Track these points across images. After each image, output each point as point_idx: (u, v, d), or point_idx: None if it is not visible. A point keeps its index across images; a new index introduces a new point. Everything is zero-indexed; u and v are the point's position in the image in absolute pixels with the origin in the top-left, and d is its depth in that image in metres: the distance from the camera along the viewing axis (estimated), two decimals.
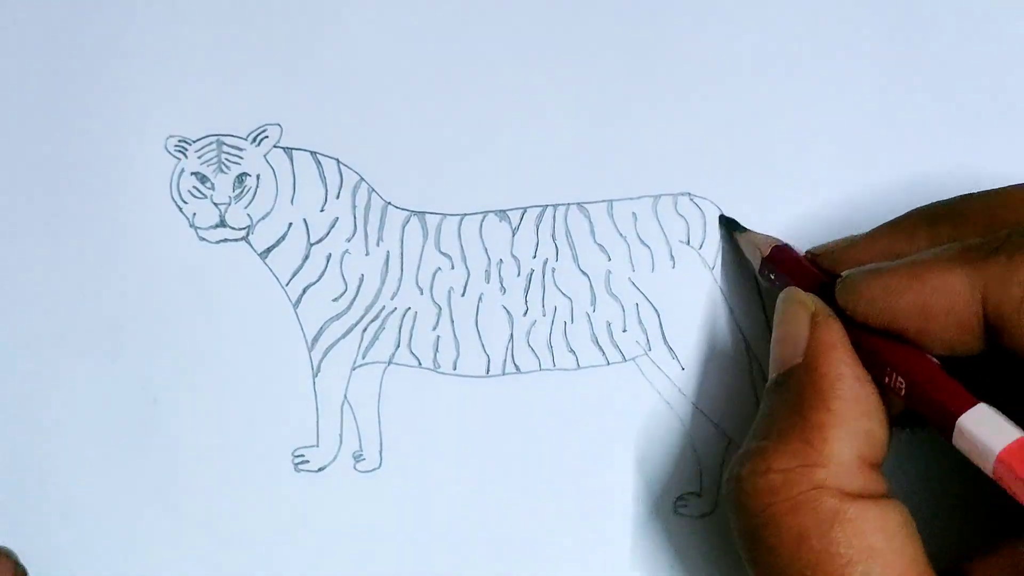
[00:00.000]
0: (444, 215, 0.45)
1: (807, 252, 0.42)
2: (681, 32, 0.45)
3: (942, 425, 0.35)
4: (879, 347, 0.37)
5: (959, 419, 0.34)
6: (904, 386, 0.36)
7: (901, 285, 0.36)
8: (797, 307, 0.38)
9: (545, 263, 0.44)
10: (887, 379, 0.36)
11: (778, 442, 0.36)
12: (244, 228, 0.45)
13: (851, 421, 0.36)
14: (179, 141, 0.45)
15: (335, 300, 0.45)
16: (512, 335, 0.44)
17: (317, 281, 0.45)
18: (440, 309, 0.44)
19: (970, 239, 0.36)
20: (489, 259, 0.45)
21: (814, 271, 0.41)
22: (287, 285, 0.45)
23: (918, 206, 0.40)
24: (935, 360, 0.36)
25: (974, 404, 0.34)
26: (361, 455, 0.44)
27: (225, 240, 0.45)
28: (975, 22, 0.46)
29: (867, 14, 0.46)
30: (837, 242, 0.41)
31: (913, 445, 0.43)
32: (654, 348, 0.44)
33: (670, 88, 0.45)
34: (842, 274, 0.38)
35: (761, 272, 0.42)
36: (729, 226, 0.44)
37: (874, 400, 0.36)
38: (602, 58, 0.45)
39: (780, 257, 0.42)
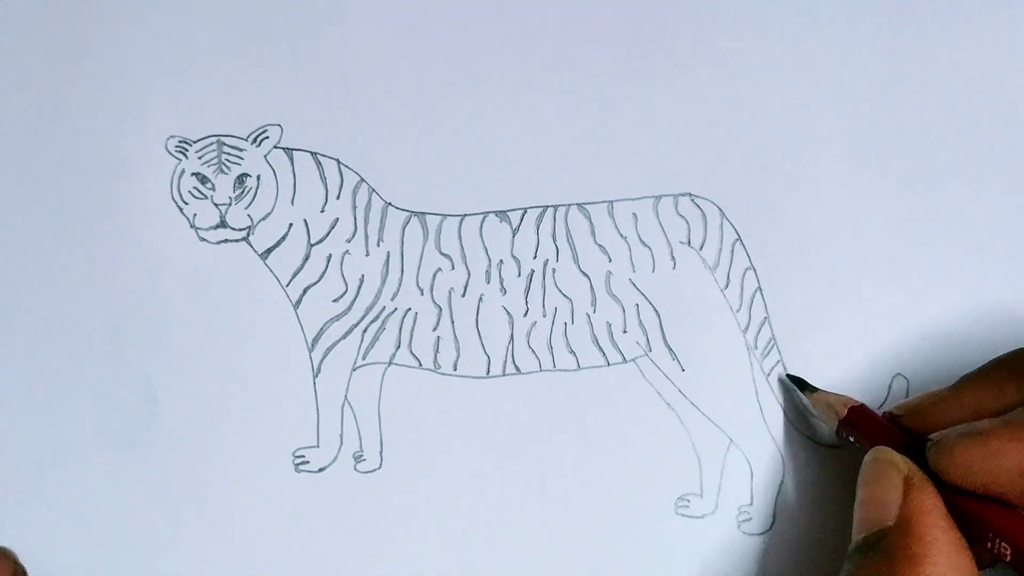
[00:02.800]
0: (444, 216, 0.45)
1: (886, 412, 0.41)
2: (681, 32, 0.45)
3: None
4: (979, 511, 0.36)
5: None
6: (1010, 552, 0.35)
7: (1000, 449, 0.35)
8: (889, 468, 0.38)
9: (545, 264, 0.44)
10: (990, 544, 0.36)
11: None
12: (245, 229, 0.45)
13: None
14: (180, 142, 0.45)
15: (335, 301, 0.45)
16: (512, 336, 0.44)
17: (317, 282, 0.45)
18: (440, 310, 0.44)
19: None
20: (489, 260, 0.45)
21: (896, 431, 0.40)
22: (287, 286, 0.45)
23: (999, 356, 0.40)
24: None
25: None
26: (361, 455, 0.44)
27: (226, 241, 0.45)
28: (975, 22, 0.46)
29: (867, 14, 0.46)
30: (920, 399, 0.41)
31: None
32: (654, 349, 0.44)
33: (670, 88, 0.45)
34: (932, 437, 0.38)
35: (839, 433, 0.42)
36: (799, 386, 0.44)
37: (969, 566, 0.36)
38: (602, 58, 0.45)
39: (859, 418, 0.41)
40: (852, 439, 0.41)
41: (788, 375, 0.44)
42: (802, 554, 0.44)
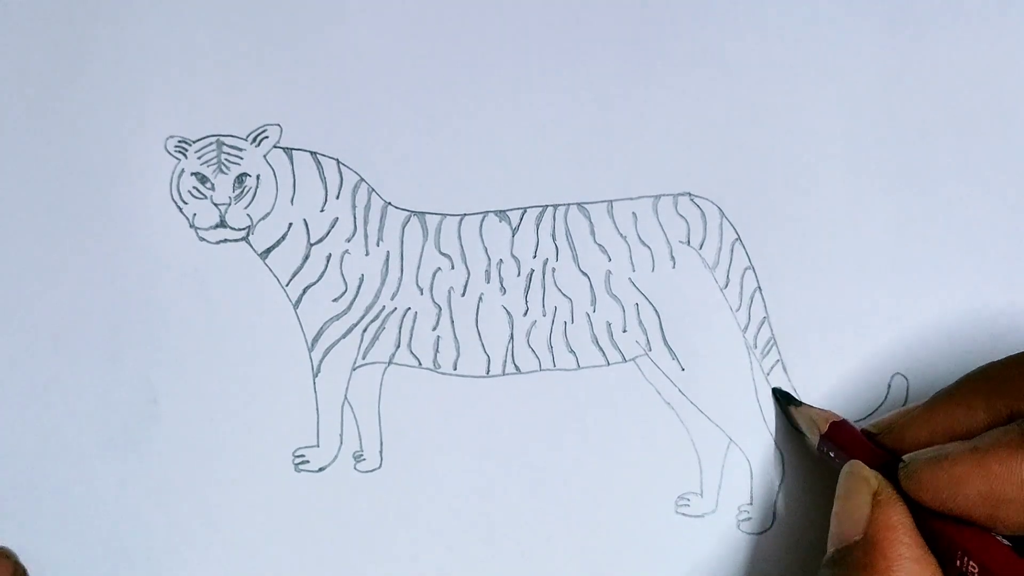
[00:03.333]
0: (444, 215, 0.45)
1: (863, 429, 0.42)
2: (681, 32, 0.45)
3: None
4: (947, 531, 0.37)
5: None
6: (977, 570, 0.36)
7: (966, 474, 0.36)
8: (860, 483, 0.38)
9: (545, 263, 0.44)
10: (958, 562, 0.36)
11: None
12: (244, 228, 0.45)
13: None
14: (179, 141, 0.45)
15: (335, 300, 0.45)
16: (512, 335, 0.44)
17: (317, 281, 0.45)
18: (440, 309, 0.44)
19: None
20: (489, 259, 0.45)
21: (874, 449, 0.40)
22: (287, 285, 0.45)
23: (969, 372, 0.40)
24: (1006, 543, 0.36)
25: None
26: (361, 455, 0.44)
27: (225, 240, 0.45)
28: (975, 22, 0.46)
29: (867, 14, 0.46)
30: (893, 416, 0.41)
31: None
32: (654, 348, 0.44)
33: (670, 88, 0.45)
34: (904, 459, 0.38)
35: (820, 448, 0.42)
36: (784, 400, 0.44)
37: None
38: (602, 58, 0.45)
39: (839, 434, 0.41)
40: (832, 454, 0.41)
41: (775, 389, 0.44)
42: (802, 553, 0.44)
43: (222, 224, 0.44)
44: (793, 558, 0.44)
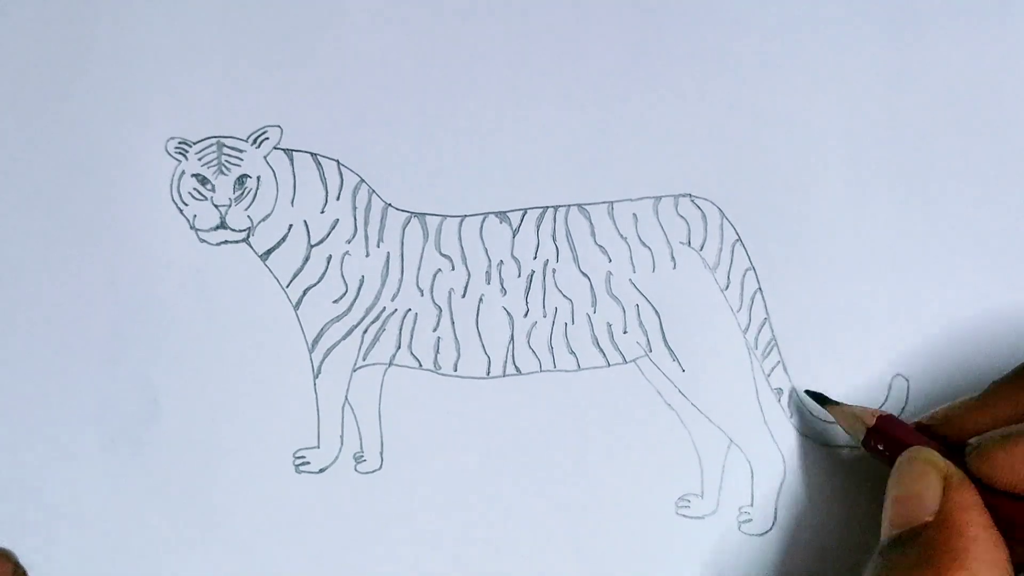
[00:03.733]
0: (444, 216, 0.45)
1: (914, 422, 0.41)
2: (682, 32, 0.45)
3: None
4: (1016, 513, 0.37)
5: None
6: None
7: None
8: (927, 467, 0.38)
9: (545, 264, 0.44)
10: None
11: None
12: (245, 230, 0.45)
13: None
14: (179, 143, 0.45)
15: (335, 302, 0.45)
16: (513, 336, 0.44)
17: (317, 283, 0.45)
18: (440, 310, 0.44)
19: None
20: (489, 260, 0.44)
21: (928, 440, 0.40)
22: (288, 287, 0.45)
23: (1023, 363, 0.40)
24: None
25: None
26: (362, 456, 0.44)
27: (226, 242, 0.45)
28: (975, 22, 0.46)
29: (867, 14, 0.46)
30: (952, 407, 0.41)
31: None
32: (654, 349, 0.44)
33: (671, 88, 0.45)
34: (971, 442, 0.38)
35: (866, 443, 0.42)
36: (819, 400, 0.44)
37: (1006, 565, 0.36)
38: (602, 59, 0.45)
39: (889, 426, 0.41)
40: (881, 447, 0.41)
41: (808, 391, 0.44)
42: (803, 555, 0.44)
43: (222, 225, 0.44)
44: (793, 559, 0.44)
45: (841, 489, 0.44)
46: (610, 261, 0.44)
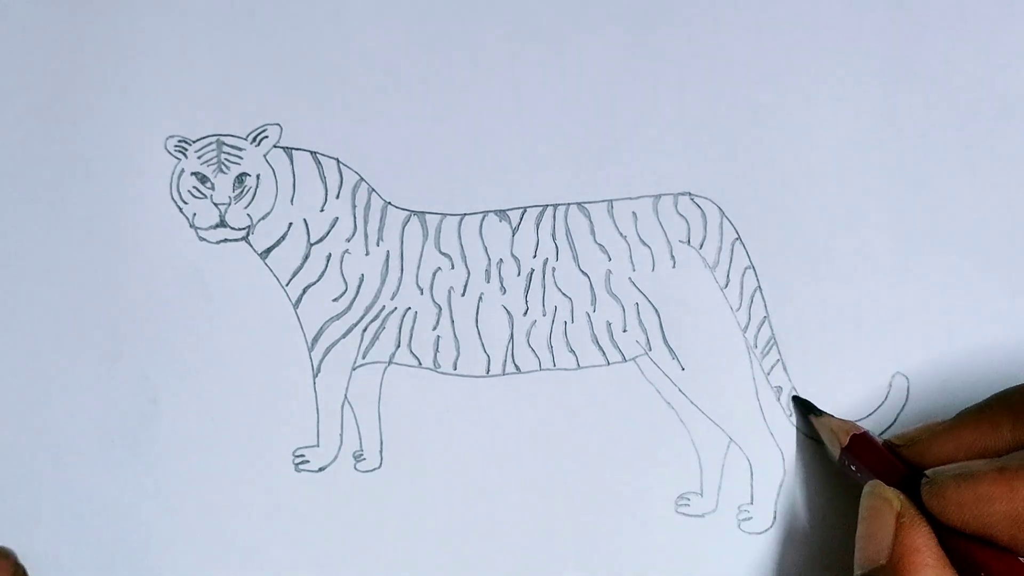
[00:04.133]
0: (444, 215, 0.45)
1: (885, 441, 0.41)
2: (682, 32, 0.45)
3: None
4: (971, 552, 0.36)
5: None
6: None
7: (992, 493, 0.36)
8: (882, 504, 0.38)
9: (545, 263, 0.44)
10: None
11: None
12: (244, 228, 0.45)
13: None
14: (179, 141, 0.45)
15: (335, 300, 0.45)
16: (512, 335, 0.44)
17: (317, 281, 0.45)
18: (440, 309, 0.44)
19: None
20: (489, 259, 0.45)
21: (896, 463, 0.40)
22: (287, 285, 0.45)
23: (999, 391, 0.40)
24: None
25: None
26: (361, 455, 0.44)
27: (225, 240, 0.45)
28: (975, 22, 0.46)
29: (867, 14, 0.46)
30: (919, 430, 0.41)
31: None
32: (654, 348, 0.44)
33: (671, 87, 0.45)
34: (927, 473, 0.38)
35: (840, 461, 0.42)
36: (805, 409, 0.44)
37: None
38: (602, 58, 0.45)
39: (860, 447, 0.41)
40: (853, 467, 0.41)
41: (795, 397, 0.44)
42: (802, 553, 0.44)
43: (222, 224, 0.44)
44: (793, 558, 0.44)
45: (841, 487, 0.44)
46: (610, 260, 0.44)
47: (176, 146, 0.45)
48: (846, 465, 0.42)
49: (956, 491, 0.36)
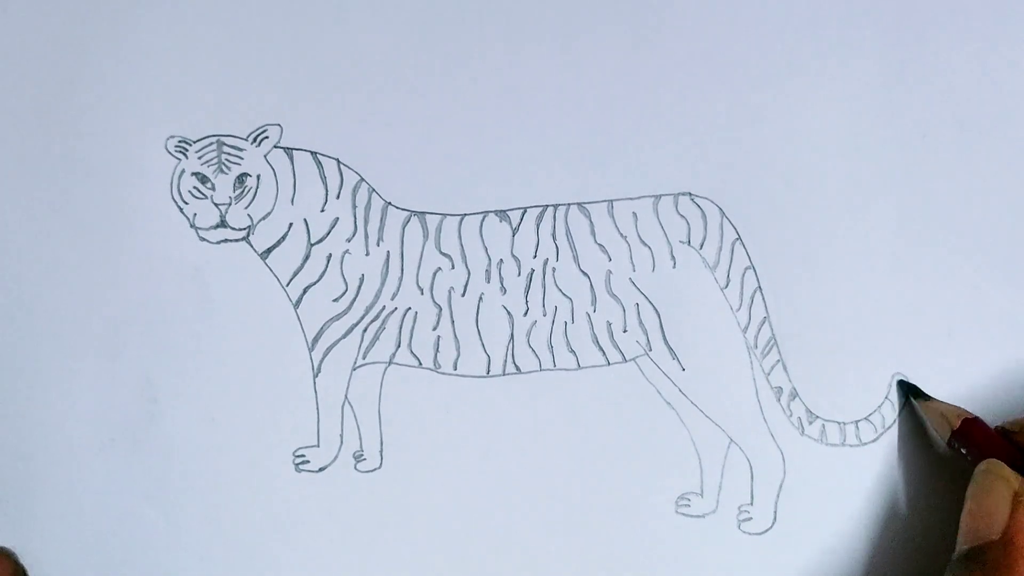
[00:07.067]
0: (444, 215, 0.45)
1: (998, 426, 0.42)
2: (682, 32, 0.45)
3: None
4: None
5: None
6: None
7: None
8: (999, 483, 0.38)
9: (545, 263, 0.44)
10: None
11: None
12: (245, 228, 0.45)
13: None
14: (180, 142, 0.45)
15: (335, 300, 0.45)
16: (512, 335, 0.44)
17: (317, 281, 0.45)
18: (440, 309, 0.44)
19: None
20: (489, 259, 0.45)
21: (1008, 447, 0.40)
22: (287, 285, 0.45)
23: None
24: None
25: None
26: (362, 455, 0.44)
27: (226, 240, 0.45)
28: (975, 22, 0.46)
29: (867, 14, 0.46)
30: None
31: None
32: (654, 348, 0.44)
33: (671, 88, 0.45)
34: None
35: (950, 443, 0.42)
36: (912, 394, 0.44)
37: None
38: (602, 58, 0.45)
39: (971, 430, 0.41)
40: (963, 451, 0.41)
41: (900, 381, 0.44)
42: (802, 554, 0.44)
43: (222, 224, 0.44)
44: (793, 558, 0.44)
45: (841, 488, 0.44)
46: (610, 260, 0.44)
47: (177, 146, 0.45)
48: (956, 448, 0.42)
49: None
